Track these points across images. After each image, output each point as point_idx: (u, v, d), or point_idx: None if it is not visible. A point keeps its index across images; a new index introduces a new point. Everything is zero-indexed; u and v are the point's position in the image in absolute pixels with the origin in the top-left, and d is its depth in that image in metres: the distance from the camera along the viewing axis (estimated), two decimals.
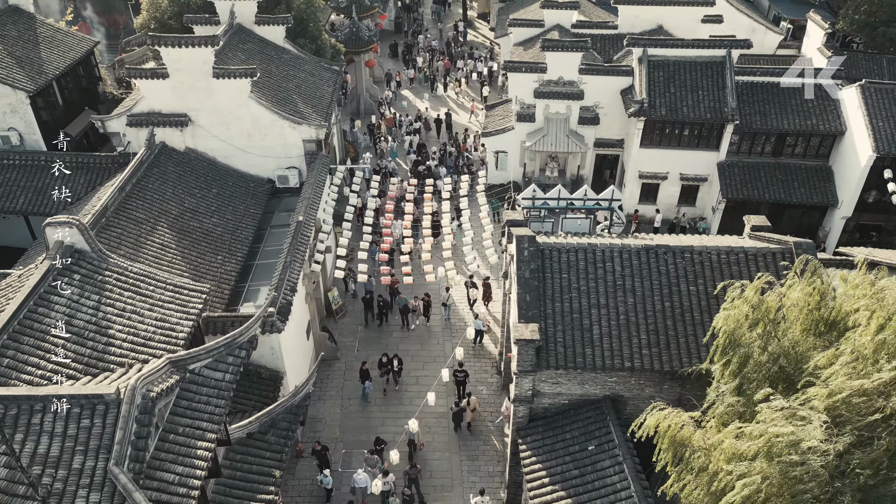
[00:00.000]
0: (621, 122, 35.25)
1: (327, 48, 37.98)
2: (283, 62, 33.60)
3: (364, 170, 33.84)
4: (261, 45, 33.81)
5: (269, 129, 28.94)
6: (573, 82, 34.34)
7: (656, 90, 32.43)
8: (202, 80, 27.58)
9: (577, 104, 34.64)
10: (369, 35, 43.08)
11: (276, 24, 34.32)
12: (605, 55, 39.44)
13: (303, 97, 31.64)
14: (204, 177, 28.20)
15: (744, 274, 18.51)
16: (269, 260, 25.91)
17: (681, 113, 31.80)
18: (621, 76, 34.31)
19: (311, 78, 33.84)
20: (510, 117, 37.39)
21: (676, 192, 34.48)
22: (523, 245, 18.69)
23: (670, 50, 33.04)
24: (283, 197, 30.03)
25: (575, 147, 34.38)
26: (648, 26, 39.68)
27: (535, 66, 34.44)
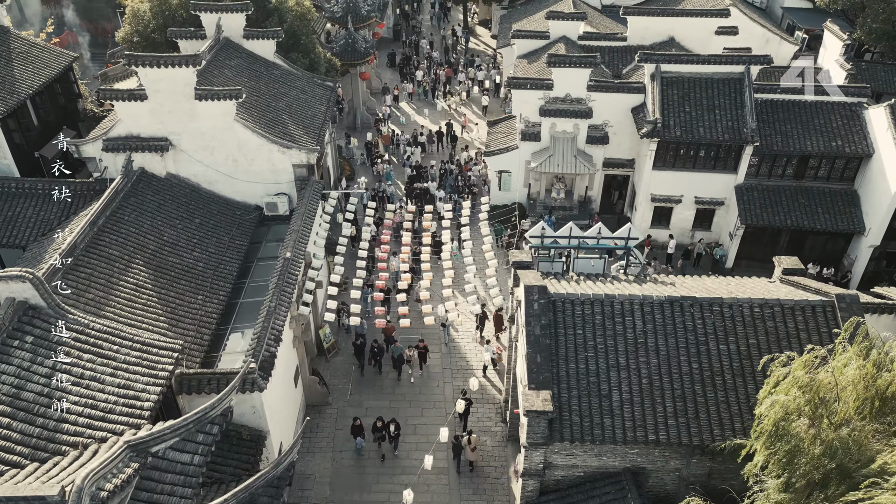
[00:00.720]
0: (632, 141, 33.29)
1: (321, 62, 35.98)
2: (273, 79, 31.61)
3: (360, 195, 31.84)
4: (249, 60, 31.82)
5: (257, 154, 26.96)
6: (581, 100, 32.35)
7: (670, 109, 30.45)
8: (183, 102, 25.59)
9: (585, 123, 32.66)
10: (365, 47, 41.08)
11: (266, 39, 32.33)
12: (613, 68, 37.48)
13: (293, 117, 29.64)
14: (186, 205, 26.20)
15: (780, 332, 16.51)
16: (255, 298, 23.90)
17: (697, 134, 29.80)
18: (632, 93, 32.33)
19: (303, 96, 31.84)
20: (514, 135, 35.42)
21: (691, 216, 32.47)
22: (533, 297, 16.69)
23: (685, 66, 31.04)
24: (272, 225, 28.03)
25: (583, 168, 32.38)
26: (659, 38, 37.71)
27: (541, 83, 32.45)
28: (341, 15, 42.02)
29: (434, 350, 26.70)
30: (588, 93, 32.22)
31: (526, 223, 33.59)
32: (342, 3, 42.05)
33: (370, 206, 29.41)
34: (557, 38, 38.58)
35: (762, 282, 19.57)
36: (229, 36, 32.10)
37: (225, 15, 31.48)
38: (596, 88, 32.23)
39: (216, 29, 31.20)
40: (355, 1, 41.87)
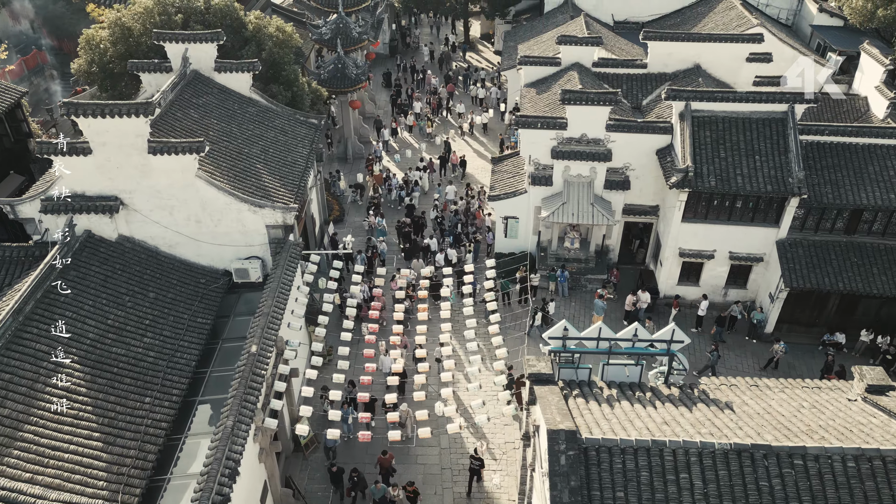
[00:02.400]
0: (657, 186, 29.39)
1: (305, 95, 32.05)
2: (248, 118, 27.69)
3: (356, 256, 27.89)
4: (221, 97, 27.91)
5: (224, 214, 23.04)
6: (599, 140, 28.43)
7: (703, 154, 26.53)
8: (135, 156, 21.69)
9: (603, 166, 28.74)
10: (357, 73, 37.16)
11: (241, 71, 28.40)
12: (632, 98, 33.59)
13: (270, 165, 25.71)
14: (139, 276, 22.26)
15: (884, 495, 12.55)
16: (216, 395, 20.00)
17: (734, 184, 25.87)
18: (658, 134, 28.41)
19: (283, 137, 27.90)
20: (521, 176, 31.52)
21: (724, 273, 28.53)
22: (559, 446, 12.75)
23: (719, 104, 27.10)
24: (243, 293, 24.11)
25: (601, 218, 28.42)
26: (683, 65, 33.80)
27: (553, 122, 28.52)
28: (330, 37, 38.13)
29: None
30: (607, 133, 28.31)
31: (535, 278, 29.63)
32: (331, 24, 38.15)
33: (357, 271, 25.22)
34: (569, 65, 34.64)
35: (841, 401, 15.61)
36: (199, 68, 28.20)
37: (193, 45, 27.57)
38: (616, 128, 28.32)
39: (182, 62, 27.28)
40: (345, 22, 37.98)
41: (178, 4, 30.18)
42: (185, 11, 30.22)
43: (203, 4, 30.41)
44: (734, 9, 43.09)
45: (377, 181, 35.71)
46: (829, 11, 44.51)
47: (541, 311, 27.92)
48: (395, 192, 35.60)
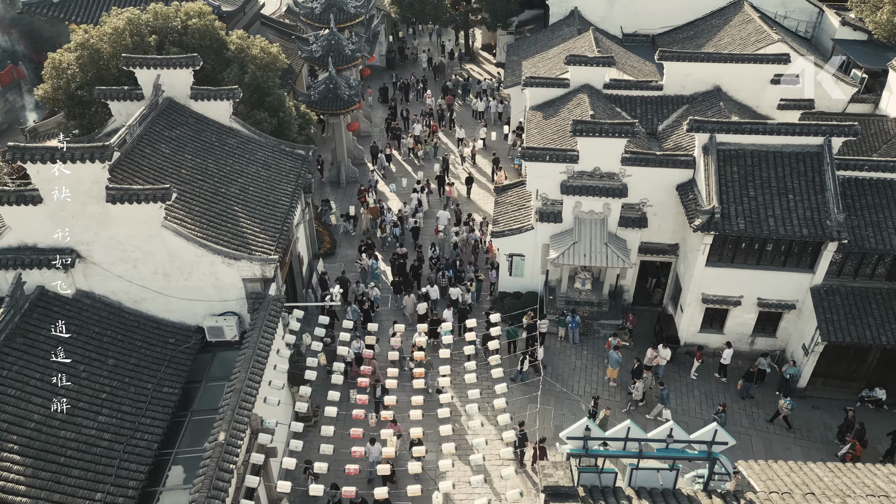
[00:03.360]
0: (676, 223, 26.83)
1: (292, 122, 29.47)
2: (227, 151, 25.13)
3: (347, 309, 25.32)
4: (198, 127, 25.35)
5: (195, 267, 20.46)
6: (614, 175, 25.86)
7: (730, 193, 23.95)
8: (92, 205, 19.12)
9: (617, 202, 26.17)
10: (350, 94, 34.57)
11: (220, 99, 25.83)
12: (646, 123, 31.00)
13: (250, 207, 23.14)
14: (98, 338, 19.69)
15: None
16: (181, 486, 17.44)
17: (766, 227, 23.28)
18: (679, 168, 25.81)
19: (266, 172, 25.34)
20: (527, 208, 28.96)
21: (752, 320, 25.94)
22: None
23: (747, 136, 24.53)
24: (218, 351, 21.56)
25: (616, 261, 25.82)
26: (702, 87, 31.18)
27: (563, 155, 25.94)
28: (321, 55, 35.54)
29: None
30: (622, 167, 25.74)
31: (544, 324, 27.02)
32: (322, 41, 35.57)
33: (346, 327, 22.54)
34: (578, 87, 32.06)
35: None
36: (174, 96, 25.65)
37: (166, 71, 25.01)
38: (633, 161, 25.74)
39: (153, 90, 24.72)
40: (337, 39, 35.39)
41: (152, 24, 27.62)
42: (161, 32, 27.66)
43: (180, 24, 27.84)
44: (752, 22, 40.52)
45: (372, 214, 33.00)
46: (852, 25, 41.92)
47: (528, 357, 25.38)
48: (388, 229, 32.80)
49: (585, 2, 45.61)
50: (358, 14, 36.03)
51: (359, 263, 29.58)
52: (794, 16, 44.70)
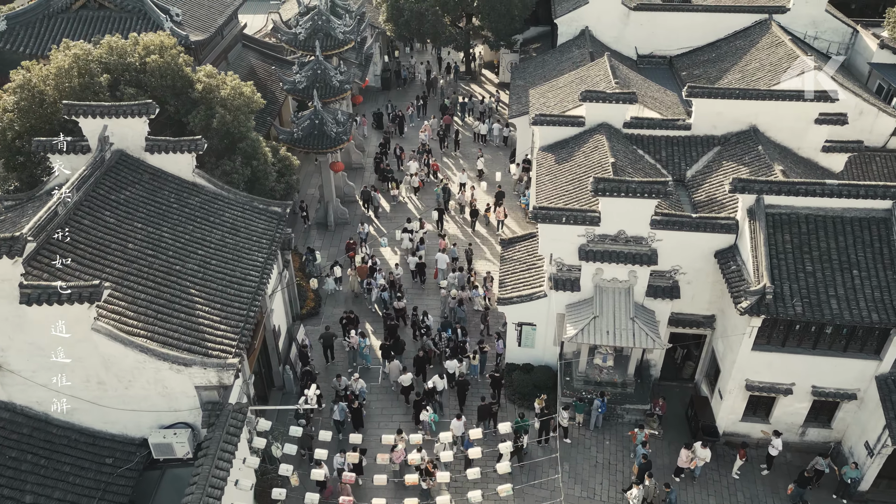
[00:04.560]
0: (713, 292, 23.08)
1: (269, 170, 25.69)
2: (188, 214, 21.37)
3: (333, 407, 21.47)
4: (153, 186, 21.59)
5: (137, 374, 16.71)
6: (641, 239, 22.10)
7: (783, 267, 20.17)
8: (4, 306, 15.35)
9: (645, 270, 22.37)
10: (338, 131, 30.79)
11: (181, 152, 22.07)
12: (673, 167, 27.27)
13: (210, 288, 19.35)
14: (14, 467, 15.91)
15: None
16: None
17: (827, 311, 19.47)
18: (718, 233, 22.02)
19: (234, 237, 21.57)
20: (537, 269, 25.25)
21: (803, 409, 22.16)
22: None
23: (801, 199, 20.76)
24: (168, 468, 17.81)
25: (646, 340, 21.99)
26: (736, 126, 27.47)
27: (582, 216, 22.15)
28: (306, 86, 31.76)
29: None
30: (652, 230, 21.98)
31: (564, 417, 23.06)
32: (306, 71, 31.79)
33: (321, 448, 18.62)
34: (595, 126, 28.34)
35: None
36: (125, 148, 21.92)
37: (115, 121, 21.25)
38: (664, 225, 21.97)
39: (99, 144, 20.97)
40: (324, 68, 31.60)
41: (105, 61, 23.86)
42: (114, 70, 23.91)
43: (137, 61, 24.08)
44: (782, 45, 36.74)
45: (360, 274, 29.09)
46: (891, 48, 38.14)
47: (514, 445, 21.61)
48: (375, 293, 28.72)
49: (597, 21, 41.88)
50: (347, 40, 32.28)
51: (346, 343, 25.42)
52: (826, 36, 40.92)
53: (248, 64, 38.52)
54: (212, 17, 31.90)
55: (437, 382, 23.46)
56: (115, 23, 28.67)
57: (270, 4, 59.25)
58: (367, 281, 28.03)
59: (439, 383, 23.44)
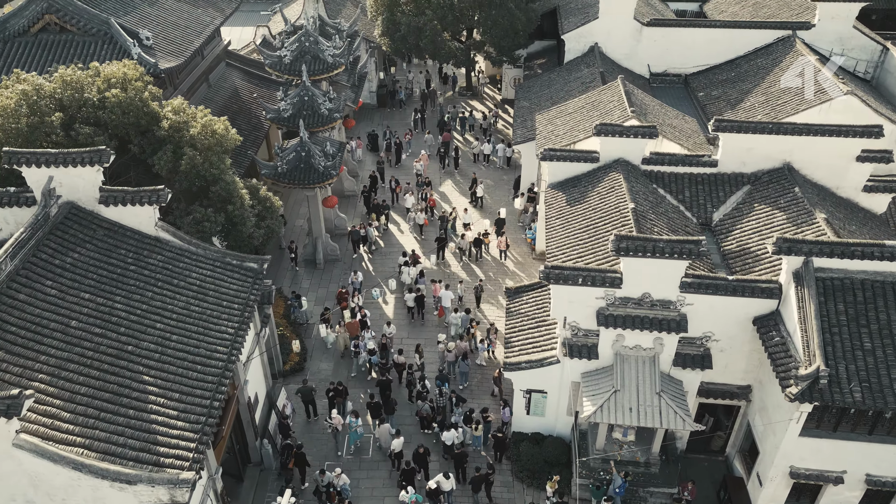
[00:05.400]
0: (750, 361, 20.30)
1: (246, 215, 22.85)
2: (148, 277, 18.53)
3: None
4: (108, 244, 18.75)
5: (71, 493, 13.90)
6: (669, 303, 19.27)
7: (838, 343, 17.35)
8: None
9: (673, 337, 19.55)
10: (326, 165, 27.97)
11: (140, 204, 19.22)
12: (697, 208, 24.53)
13: (168, 372, 16.48)
14: None
15: None
16: None
17: (890, 398, 16.64)
18: (757, 298, 19.17)
19: (199, 304, 18.71)
20: (548, 327, 22.43)
21: (854, 499, 19.31)
22: None
23: (857, 262, 17.94)
24: None
25: (675, 419, 19.12)
26: (768, 164, 24.72)
27: (601, 277, 19.30)
28: (291, 115, 28.92)
29: None
30: (681, 294, 19.15)
31: None
32: (292, 98, 28.96)
33: None
34: (610, 162, 25.59)
35: None
36: (77, 200, 19.10)
37: (64, 170, 18.43)
38: (696, 288, 19.13)
39: (43, 197, 18.14)
40: (311, 94, 28.76)
41: (58, 96, 21.02)
42: (69, 107, 21.08)
43: (96, 96, 21.24)
44: (809, 66, 33.95)
45: (350, 331, 26.10)
46: None
47: None
48: (363, 357, 25.50)
49: (607, 37, 39.08)
50: (337, 64, 29.42)
51: (328, 423, 22.30)
52: (853, 54, 38.06)
53: (232, 85, 35.71)
54: (188, 38, 29.04)
55: (441, 483, 20.40)
56: (79, 48, 25.84)
57: (261, 15, 56.45)
58: (355, 342, 24.95)
59: (445, 484, 20.41)
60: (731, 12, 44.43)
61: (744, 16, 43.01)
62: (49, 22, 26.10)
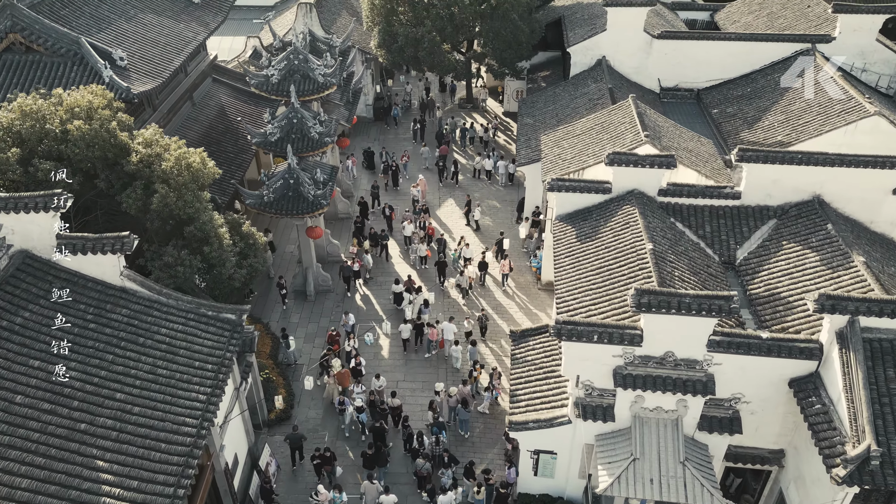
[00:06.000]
0: (784, 425, 18.28)
1: (226, 258, 20.78)
2: (110, 336, 16.49)
3: None
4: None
5: None
6: (695, 363, 17.21)
7: (889, 415, 15.30)
8: None
9: (698, 400, 17.48)
10: (316, 194, 25.93)
11: (102, 252, 17.16)
12: (719, 244, 22.52)
13: (127, 455, 14.41)
14: None
15: None
16: None
17: None
18: (794, 359, 17.11)
19: (168, 366, 16.64)
20: (557, 378, 20.35)
21: None
22: None
23: None
24: None
25: (701, 495, 17.03)
26: (796, 196, 22.71)
27: (619, 334, 17.24)
28: (278, 139, 26.87)
29: None
30: (709, 353, 17.09)
31: None
32: (280, 121, 26.91)
33: None
34: (624, 194, 23.57)
35: None
36: (31, 248, 17.05)
37: (16, 216, 16.39)
38: (725, 347, 17.09)
39: None
40: (300, 117, 26.71)
41: (16, 128, 18.96)
42: (29, 140, 19.03)
43: (58, 127, 19.18)
44: (831, 82, 31.94)
45: (341, 381, 23.79)
46: None
47: None
48: (349, 415, 22.90)
49: (615, 50, 37.11)
50: (328, 84, 27.35)
51: (313, 501, 19.80)
52: (875, 69, 36.10)
53: (219, 103, 33.67)
54: (167, 58, 26.95)
55: None
56: (46, 69, 23.78)
57: (253, 24, 54.22)
58: (341, 399, 22.68)
59: None
60: (744, 22, 42.47)
61: (758, 26, 41.03)
62: (14, 41, 24.04)
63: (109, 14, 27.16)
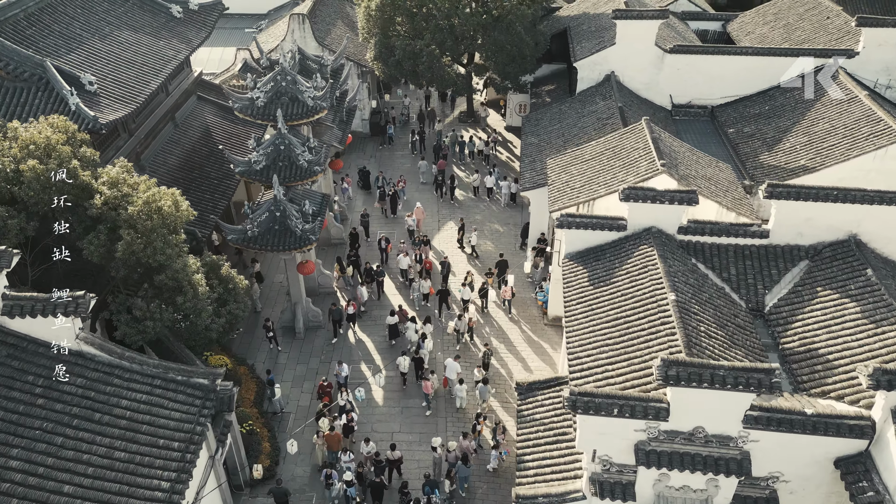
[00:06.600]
0: None
1: (202, 308, 18.70)
2: (62, 410, 14.44)
3: None
4: (12, 368, 14.65)
5: None
6: (728, 439, 15.14)
7: None
8: None
9: (731, 480, 15.41)
10: (304, 228, 23.86)
11: (53, 315, 15.08)
12: (745, 288, 20.48)
13: None
14: None
15: None
16: None
17: None
18: (839, 436, 15.04)
19: (128, 447, 14.56)
20: (569, 441, 18.27)
21: None
22: None
23: None
24: None
25: None
26: (830, 235, 20.64)
27: (642, 408, 15.14)
28: (264, 167, 24.80)
29: None
30: (744, 429, 15.02)
31: None
32: (266, 147, 24.84)
33: None
34: (640, 231, 21.47)
35: None
36: None
37: None
38: (763, 423, 15.02)
39: None
40: (288, 144, 24.65)
41: None
42: None
43: (10, 167, 17.12)
44: (857, 102, 29.90)
45: (331, 444, 21.32)
46: None
47: None
48: (337, 489, 20.28)
49: (624, 64, 35.08)
50: (318, 108, 25.28)
51: None
52: None
53: (203, 123, 31.59)
54: (144, 80, 24.82)
55: None
56: (9, 96, 21.65)
57: (245, 33, 52.19)
58: (328, 472, 20.45)
59: None
60: (759, 34, 40.43)
61: (774, 38, 39.00)
62: None
63: (81, 32, 25.06)
